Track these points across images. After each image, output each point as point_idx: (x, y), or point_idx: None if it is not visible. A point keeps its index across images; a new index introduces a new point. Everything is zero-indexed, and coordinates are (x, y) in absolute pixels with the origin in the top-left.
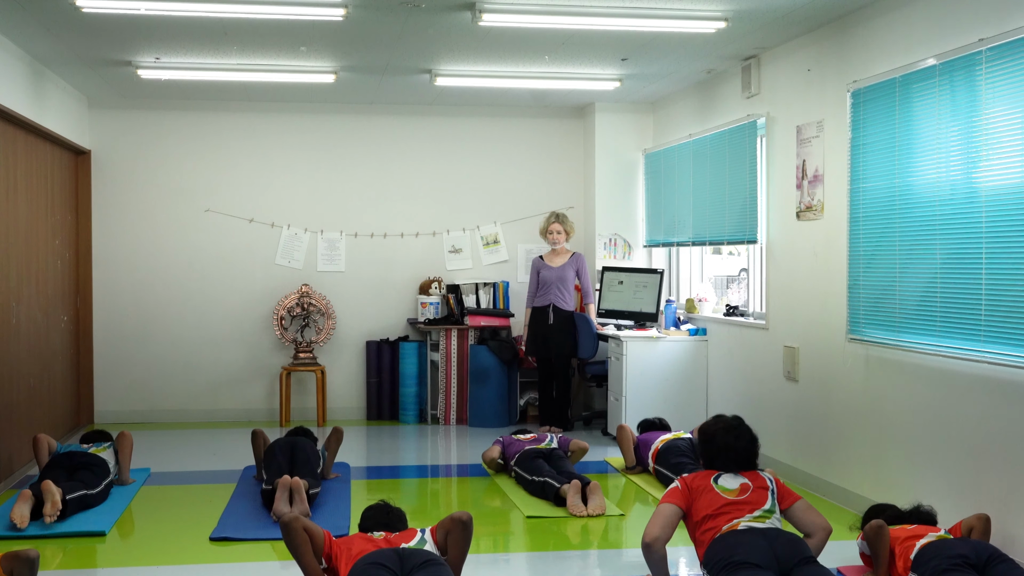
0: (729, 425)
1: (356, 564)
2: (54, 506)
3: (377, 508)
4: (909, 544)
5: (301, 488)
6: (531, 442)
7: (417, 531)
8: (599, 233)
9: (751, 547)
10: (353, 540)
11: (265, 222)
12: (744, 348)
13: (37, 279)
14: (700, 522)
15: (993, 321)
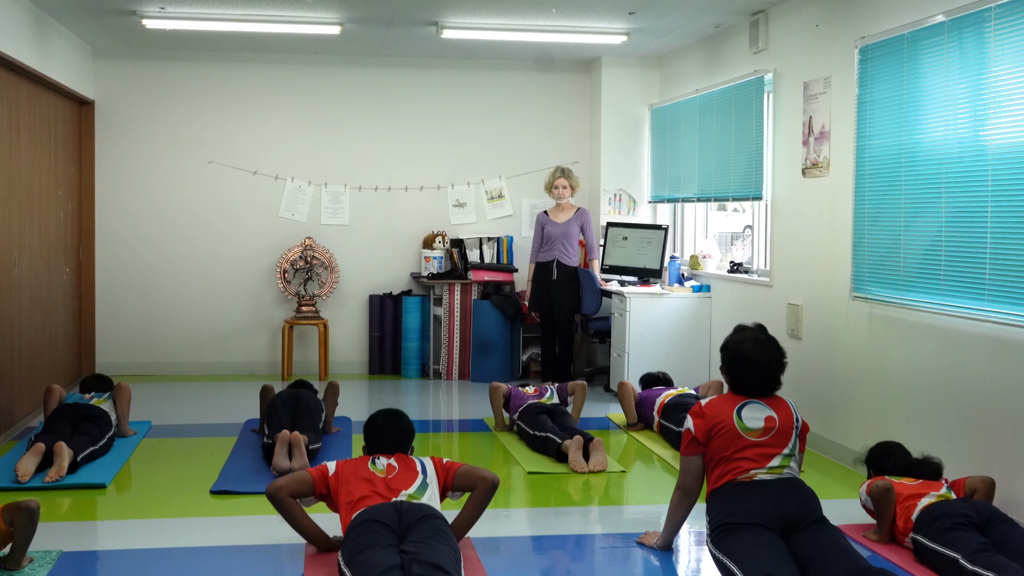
0: (754, 337)
1: (354, 520)
2: (59, 472)
3: (387, 424)
4: (911, 503)
5: (301, 443)
6: (534, 396)
7: (418, 472)
8: (604, 188)
9: (756, 506)
10: (353, 478)
11: (269, 174)
12: (748, 305)
13: (39, 230)
14: (716, 464)
15: (998, 280)
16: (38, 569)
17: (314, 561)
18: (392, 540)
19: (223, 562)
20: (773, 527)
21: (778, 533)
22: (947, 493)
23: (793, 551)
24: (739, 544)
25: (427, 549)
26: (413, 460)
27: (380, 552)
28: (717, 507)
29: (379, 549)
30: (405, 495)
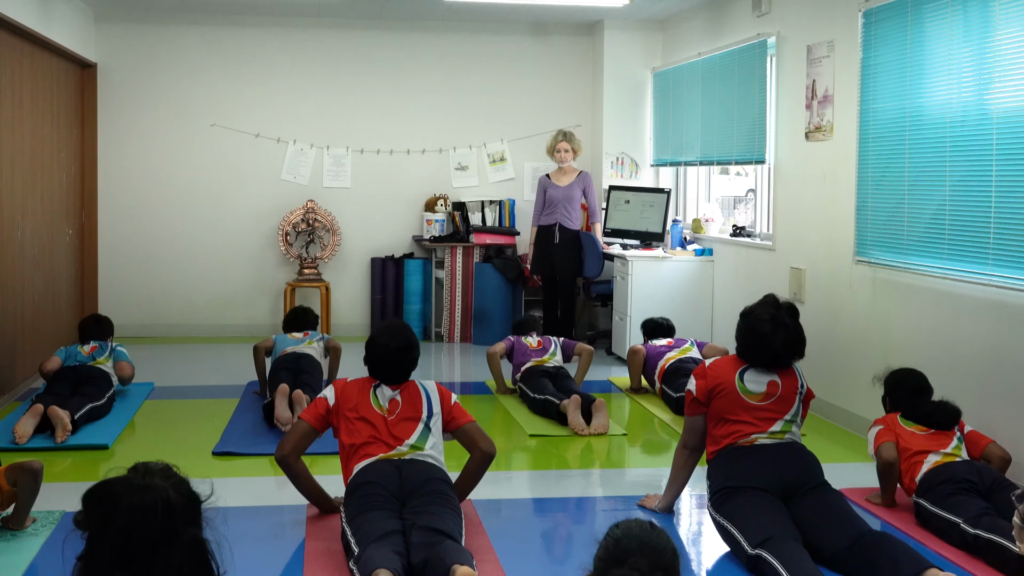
0: (773, 317)
1: (356, 477)
2: (64, 431)
3: (395, 359)
4: (918, 460)
5: (302, 400)
6: (537, 351)
7: (422, 411)
8: (606, 152)
9: (756, 470)
10: (354, 416)
11: (271, 137)
12: (750, 269)
13: (42, 193)
14: (716, 425)
15: (1002, 244)
16: (41, 529)
17: (315, 522)
18: (393, 505)
19: (225, 522)
20: (774, 491)
21: (779, 497)
22: (957, 448)
23: (794, 515)
24: (740, 508)
25: (428, 514)
26: (418, 390)
27: (381, 516)
28: (718, 471)
29: (380, 513)
30: (408, 445)
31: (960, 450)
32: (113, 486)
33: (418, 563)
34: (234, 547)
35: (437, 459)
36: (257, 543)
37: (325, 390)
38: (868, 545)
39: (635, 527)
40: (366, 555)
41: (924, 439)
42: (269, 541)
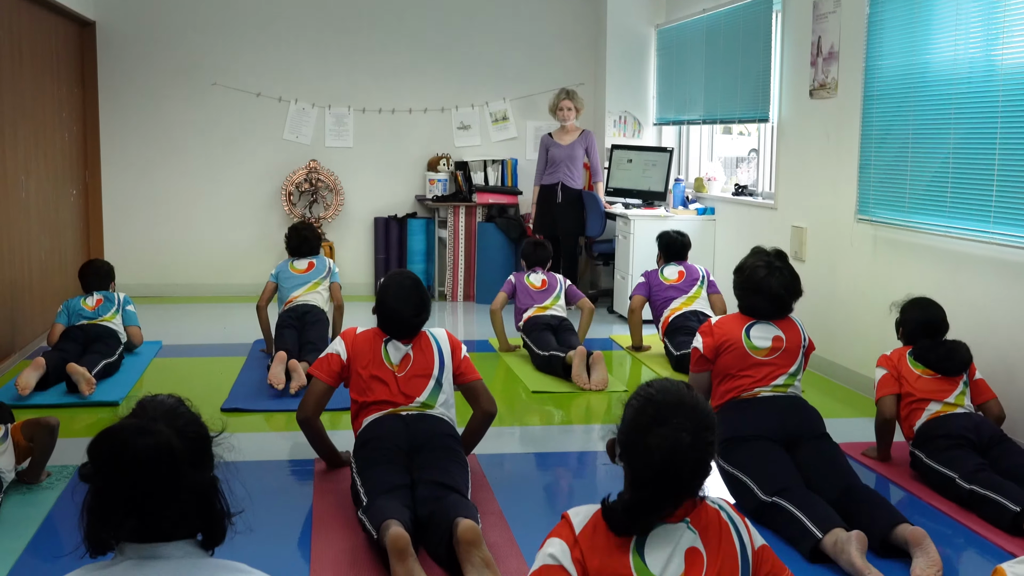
0: (767, 263)
1: (365, 431)
2: (89, 385)
3: (408, 318)
4: (918, 408)
5: (299, 369)
6: (540, 292)
7: (433, 365)
8: (609, 111)
9: (760, 420)
10: (366, 372)
11: (272, 96)
12: (752, 228)
13: (45, 152)
14: (721, 380)
15: (1004, 202)
16: (56, 483)
17: (323, 477)
18: (402, 459)
19: (233, 477)
20: (777, 440)
21: (781, 446)
22: (960, 396)
23: (796, 462)
24: (749, 457)
25: (435, 469)
26: (430, 344)
27: (390, 469)
28: (722, 422)
29: (389, 466)
30: (418, 403)
31: (964, 397)
32: (116, 434)
33: (424, 516)
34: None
35: (446, 414)
36: (266, 497)
37: (335, 343)
38: (853, 499)
39: (670, 386)
40: (375, 506)
41: (929, 384)
42: (278, 495)
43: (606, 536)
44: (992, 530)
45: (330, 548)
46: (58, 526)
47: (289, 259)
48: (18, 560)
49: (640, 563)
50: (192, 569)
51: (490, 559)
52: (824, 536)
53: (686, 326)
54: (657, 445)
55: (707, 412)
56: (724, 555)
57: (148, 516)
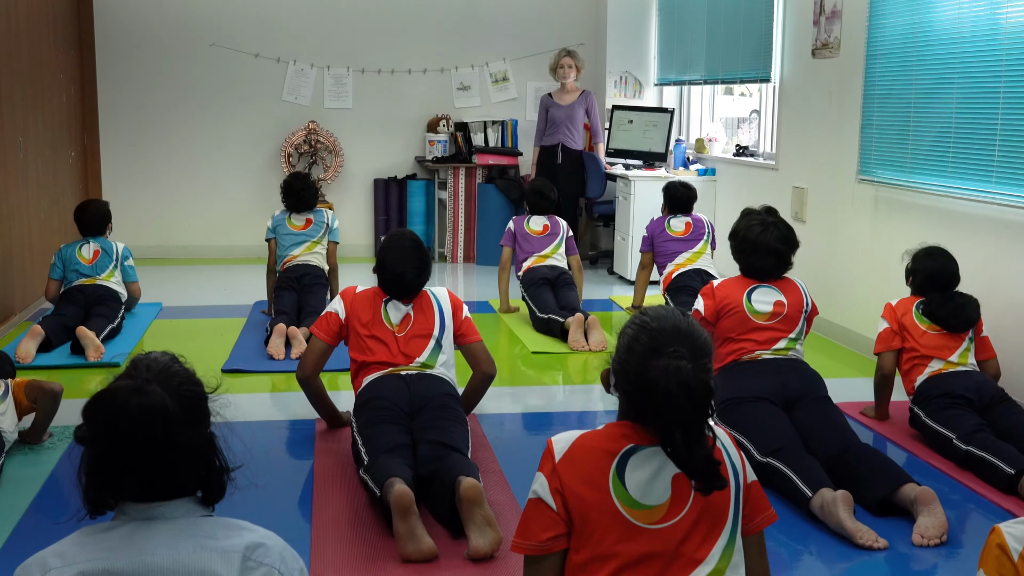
0: (761, 220)
1: (365, 391)
2: (97, 351)
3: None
4: (920, 364)
5: (299, 336)
6: (541, 239)
7: (434, 325)
8: (609, 71)
9: (761, 381)
10: (365, 332)
11: (271, 57)
12: (753, 189)
13: (43, 113)
14: (722, 343)
15: (1006, 162)
16: (58, 443)
17: (324, 437)
18: (403, 419)
19: (235, 436)
20: (776, 401)
21: (781, 407)
22: (964, 354)
23: (792, 423)
24: (747, 418)
25: (436, 428)
26: (431, 303)
27: (391, 429)
28: (722, 384)
29: (390, 426)
30: (418, 363)
31: (968, 355)
32: (110, 395)
33: (425, 475)
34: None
35: (446, 374)
36: (267, 457)
37: (334, 302)
38: (854, 457)
39: (664, 312)
40: (377, 465)
41: (934, 340)
42: (279, 455)
43: (585, 461)
44: (990, 489)
45: (331, 507)
46: (61, 485)
47: (285, 211)
48: (21, 519)
49: (620, 487)
50: (193, 528)
51: (492, 517)
52: (812, 496)
53: (689, 286)
54: (655, 378)
55: (704, 338)
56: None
57: (146, 476)
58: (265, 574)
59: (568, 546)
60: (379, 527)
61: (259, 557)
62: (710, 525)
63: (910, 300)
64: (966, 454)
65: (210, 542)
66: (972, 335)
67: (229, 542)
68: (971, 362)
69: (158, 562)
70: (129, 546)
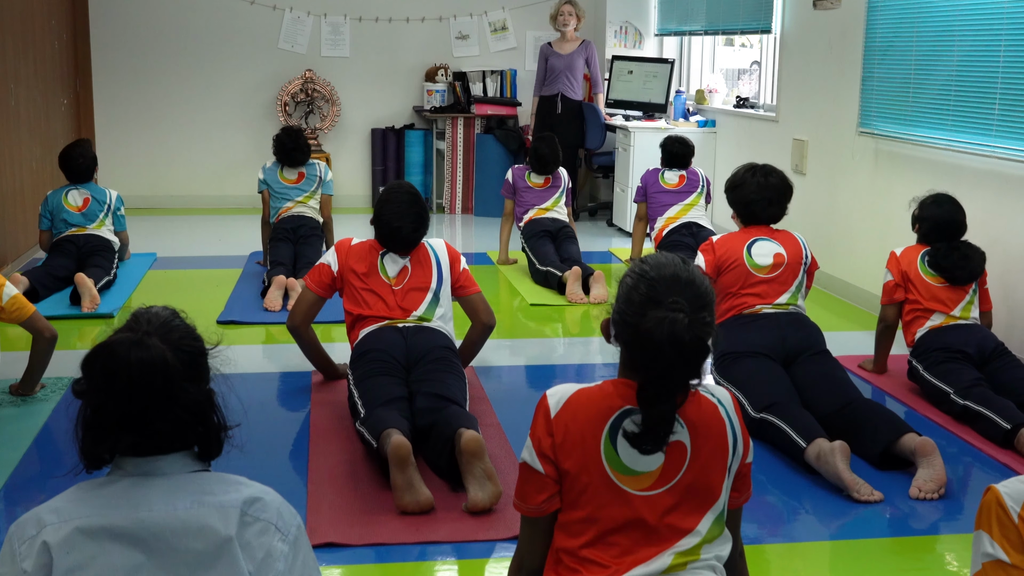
0: (751, 167)
1: (361, 343)
2: (93, 301)
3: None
4: (921, 317)
5: (297, 287)
6: (541, 191)
7: (432, 278)
8: (609, 21)
9: (760, 336)
10: (360, 285)
11: (267, 4)
12: (753, 141)
13: (35, 60)
14: (723, 299)
15: (1007, 115)
16: (51, 395)
17: (320, 388)
18: (399, 371)
19: (230, 388)
20: (776, 356)
21: (780, 362)
22: (967, 307)
23: (791, 377)
24: (743, 372)
25: (433, 381)
26: (428, 256)
27: (388, 381)
28: (722, 339)
29: (387, 378)
30: (415, 316)
31: (971, 308)
32: (110, 348)
33: (423, 427)
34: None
35: (444, 327)
36: (263, 409)
37: (328, 254)
38: (854, 411)
39: (665, 260)
40: (374, 417)
41: (937, 292)
42: (275, 407)
43: (578, 420)
44: (987, 443)
45: (327, 460)
46: (54, 438)
47: (277, 163)
48: (14, 471)
49: (611, 451)
50: (190, 484)
51: (492, 471)
52: (807, 446)
53: (681, 243)
54: (650, 329)
55: (705, 289)
56: (710, 454)
57: (143, 430)
58: (262, 529)
59: (561, 505)
60: (376, 480)
61: (256, 512)
62: (701, 496)
63: (915, 249)
64: (963, 408)
65: (207, 498)
66: (976, 287)
67: (227, 497)
68: (973, 316)
69: (155, 518)
70: (126, 502)
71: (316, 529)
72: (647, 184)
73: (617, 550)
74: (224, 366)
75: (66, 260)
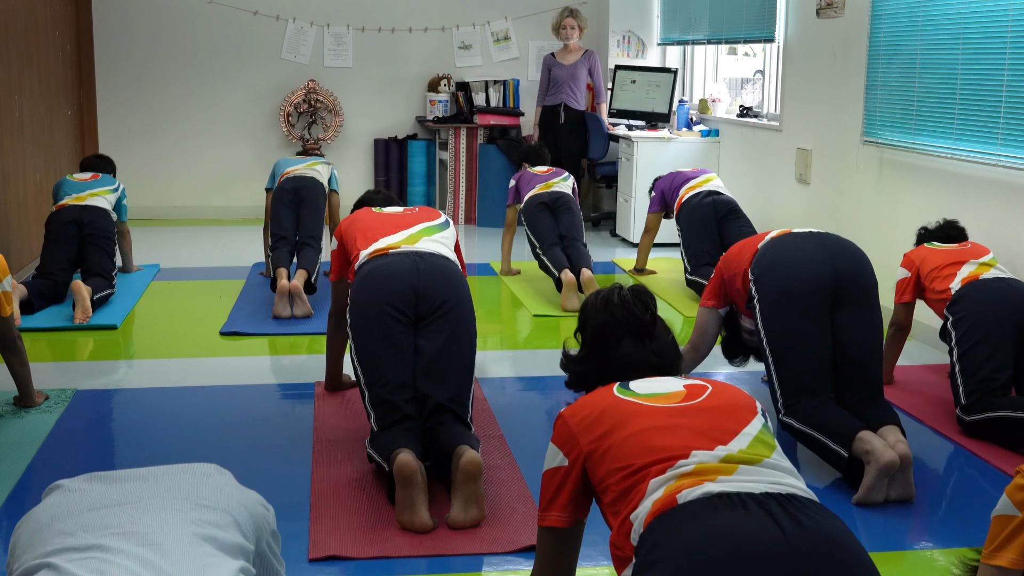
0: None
1: (360, 271)
2: (85, 313)
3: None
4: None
5: (300, 291)
6: (546, 176)
7: (438, 220)
8: (612, 30)
9: (806, 261)
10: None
11: (270, 15)
12: (756, 150)
13: (39, 71)
14: None
15: (1011, 124)
16: (54, 407)
17: (324, 400)
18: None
19: (234, 400)
20: (824, 292)
21: (828, 300)
22: (993, 259)
23: (835, 329)
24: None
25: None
26: (437, 212)
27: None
28: (762, 271)
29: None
30: (421, 227)
31: (996, 261)
32: None
33: (427, 433)
34: (243, 426)
35: (453, 257)
36: (266, 421)
37: (332, 245)
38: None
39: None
40: (383, 440)
41: (955, 254)
42: (278, 419)
43: (590, 401)
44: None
45: (331, 471)
46: (58, 449)
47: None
48: (17, 483)
49: (627, 391)
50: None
51: (481, 496)
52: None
53: (701, 204)
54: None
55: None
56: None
57: None
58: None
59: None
60: (379, 492)
61: None
62: (741, 407)
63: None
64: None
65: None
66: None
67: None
68: (1001, 267)
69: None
70: None
71: (319, 542)
72: (661, 184)
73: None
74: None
75: (64, 251)
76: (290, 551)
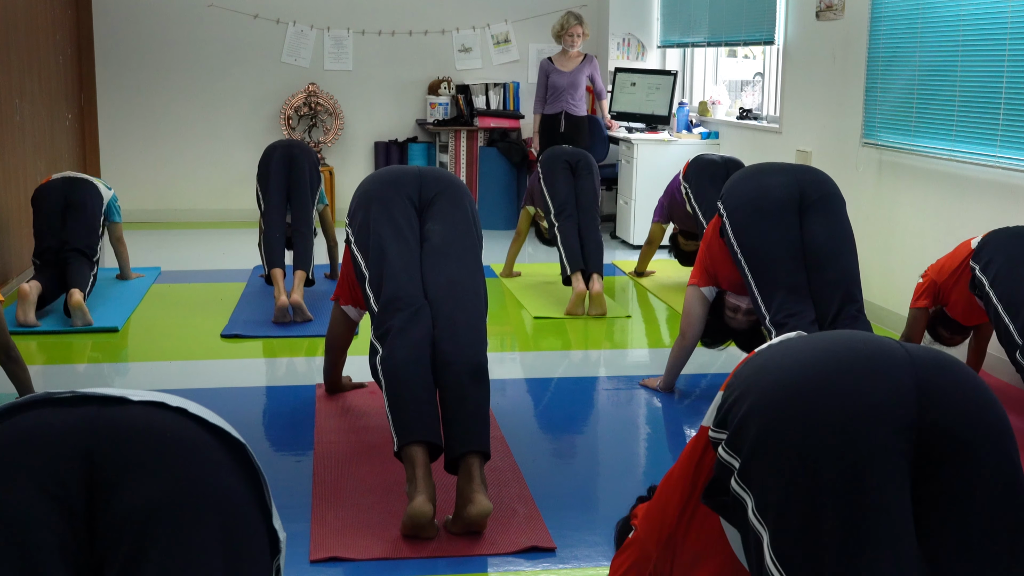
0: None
1: (367, 188)
2: (84, 319)
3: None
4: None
5: (301, 304)
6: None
7: None
8: (612, 33)
9: (773, 177)
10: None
11: (270, 18)
12: (756, 152)
13: (39, 75)
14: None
15: (1011, 126)
16: None
17: (325, 403)
18: (409, 217)
19: (235, 402)
20: (791, 202)
21: (796, 210)
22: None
23: (804, 235)
24: (760, 254)
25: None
26: None
27: (399, 262)
28: (732, 193)
29: (396, 250)
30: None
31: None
32: None
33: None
34: (244, 428)
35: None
36: (267, 423)
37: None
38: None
39: None
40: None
41: (961, 246)
42: (279, 421)
43: None
44: None
45: (332, 473)
46: None
47: None
48: None
49: None
50: None
51: (483, 527)
52: None
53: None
54: None
55: None
56: None
57: None
58: None
59: None
60: (381, 493)
61: None
62: None
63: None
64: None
65: None
66: None
67: None
68: None
69: None
70: None
71: (320, 543)
72: (671, 185)
73: None
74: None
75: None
76: (291, 552)
